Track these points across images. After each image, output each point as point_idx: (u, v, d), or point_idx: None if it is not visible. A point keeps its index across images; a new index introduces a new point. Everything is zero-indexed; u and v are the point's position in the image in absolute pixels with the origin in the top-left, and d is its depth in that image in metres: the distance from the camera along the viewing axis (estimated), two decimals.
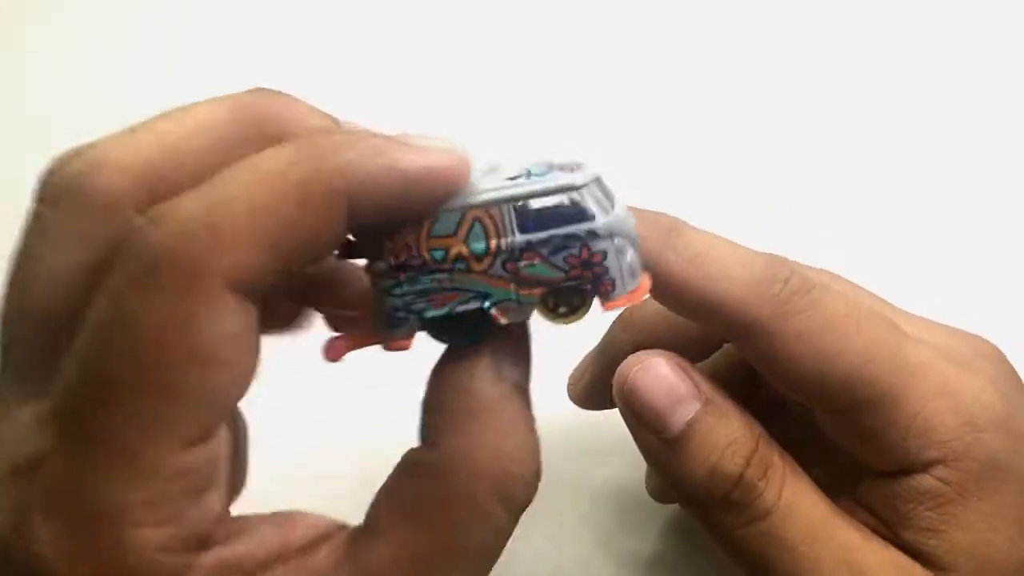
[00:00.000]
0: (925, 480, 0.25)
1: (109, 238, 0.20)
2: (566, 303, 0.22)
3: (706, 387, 0.27)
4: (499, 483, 0.21)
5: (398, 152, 0.20)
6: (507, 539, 0.22)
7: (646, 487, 0.36)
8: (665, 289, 0.26)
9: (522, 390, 0.23)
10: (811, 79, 0.46)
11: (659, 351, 0.27)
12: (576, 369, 0.34)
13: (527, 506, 0.22)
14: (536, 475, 0.22)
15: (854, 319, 0.26)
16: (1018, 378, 0.28)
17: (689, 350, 0.30)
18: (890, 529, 0.26)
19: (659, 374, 0.26)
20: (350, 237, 0.22)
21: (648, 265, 0.24)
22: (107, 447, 0.19)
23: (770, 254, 0.26)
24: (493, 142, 0.43)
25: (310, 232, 0.20)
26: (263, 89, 0.23)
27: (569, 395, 0.35)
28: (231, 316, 0.19)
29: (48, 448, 0.19)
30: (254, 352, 0.20)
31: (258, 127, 0.22)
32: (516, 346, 0.23)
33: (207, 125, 0.22)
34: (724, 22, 0.48)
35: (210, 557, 0.20)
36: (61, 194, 0.21)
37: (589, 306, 0.23)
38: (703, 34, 0.48)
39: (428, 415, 0.23)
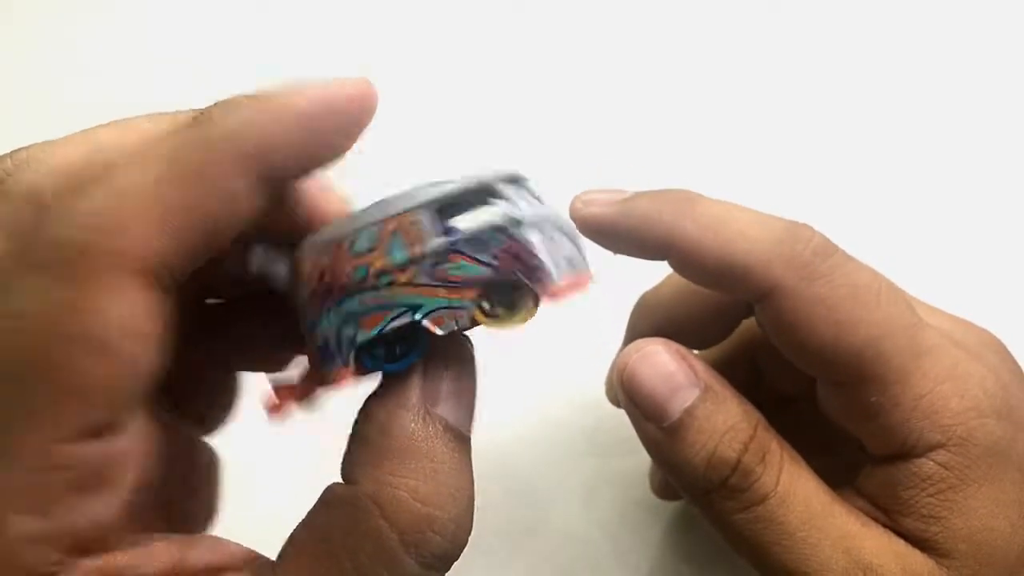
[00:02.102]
0: (926, 465, 0.25)
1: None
2: (502, 301, 0.21)
3: (704, 373, 0.27)
4: (410, 529, 0.20)
5: (287, 97, 0.20)
6: None
7: (650, 485, 0.36)
8: (685, 258, 0.26)
9: (453, 430, 0.21)
10: (811, 80, 0.46)
11: (658, 339, 0.27)
12: (609, 371, 0.35)
13: (450, 557, 0.21)
14: (459, 525, 0.21)
15: (875, 291, 0.25)
16: (1020, 369, 0.28)
17: (707, 331, 0.31)
18: (889, 516, 0.26)
19: (657, 362, 0.27)
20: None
21: (666, 238, 0.25)
22: None
23: (787, 218, 0.26)
24: (491, 148, 0.44)
25: (209, 206, 0.19)
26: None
27: (608, 398, 0.35)
28: (127, 304, 0.18)
29: None
30: (157, 344, 0.19)
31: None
32: (456, 381, 0.22)
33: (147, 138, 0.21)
34: (724, 22, 0.48)
35: (88, 563, 0.19)
36: None
37: (530, 302, 0.21)
38: (703, 34, 0.48)
39: (351, 448, 0.22)
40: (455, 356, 0.22)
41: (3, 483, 0.18)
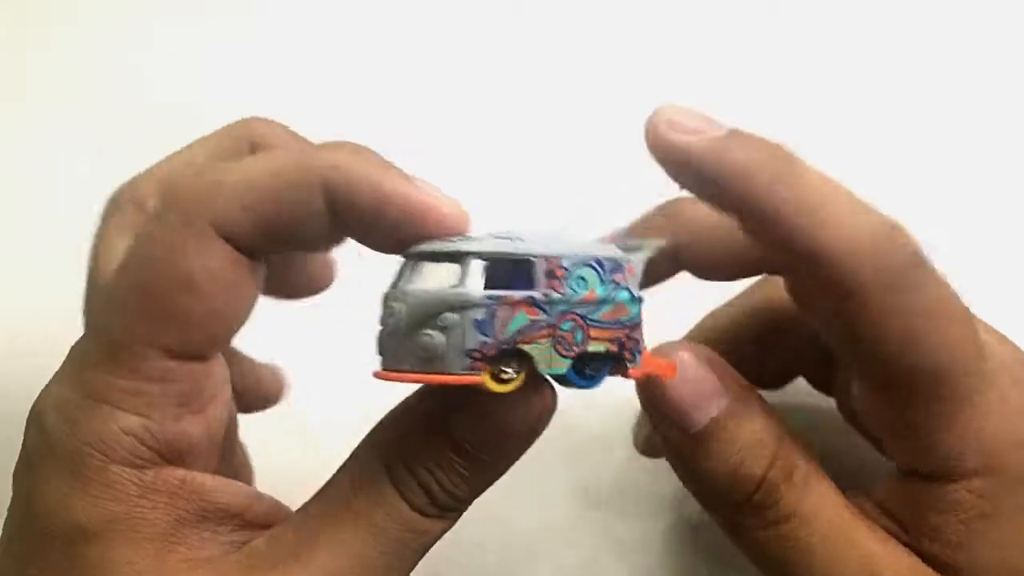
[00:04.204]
0: (960, 491, 0.25)
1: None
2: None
3: (734, 383, 0.26)
4: (405, 481, 0.24)
5: (385, 174, 0.23)
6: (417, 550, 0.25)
7: (633, 442, 0.35)
8: (769, 227, 0.23)
9: (454, 438, 0.24)
10: (810, 81, 0.45)
11: (688, 343, 0.27)
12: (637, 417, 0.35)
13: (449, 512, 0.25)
14: (442, 507, 0.24)
15: (951, 311, 0.24)
16: None
17: (731, 263, 0.29)
18: (913, 537, 0.26)
19: (686, 368, 0.26)
20: None
21: (756, 199, 0.23)
22: (102, 340, 0.23)
23: (884, 213, 0.24)
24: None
25: (288, 209, 0.23)
26: (254, 117, 0.30)
27: (643, 447, 0.35)
28: (214, 255, 0.23)
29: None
30: (237, 293, 0.24)
31: (249, 143, 0.29)
32: (474, 403, 0.24)
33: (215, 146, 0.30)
34: (724, 23, 0.47)
35: (171, 471, 0.24)
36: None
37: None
38: (703, 35, 0.47)
39: (401, 421, 0.25)
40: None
41: (116, 384, 0.23)
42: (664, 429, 0.26)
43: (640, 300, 0.25)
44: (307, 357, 0.37)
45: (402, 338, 0.23)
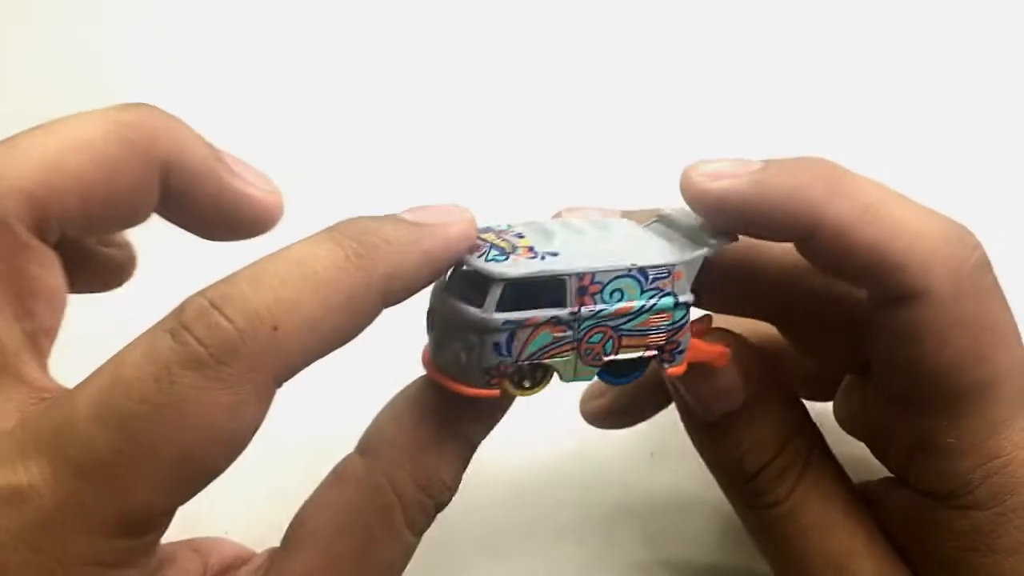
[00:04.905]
0: (959, 521, 0.24)
1: None
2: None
3: (755, 379, 0.27)
4: (410, 509, 0.23)
5: (426, 243, 0.22)
6: (407, 562, 0.24)
7: (582, 414, 0.35)
8: (832, 241, 0.23)
9: (467, 439, 0.24)
10: (811, 82, 0.45)
11: (724, 333, 0.27)
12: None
13: (424, 531, 0.24)
14: (438, 509, 0.24)
15: (1007, 330, 0.24)
16: None
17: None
18: (907, 548, 0.26)
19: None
20: None
21: (812, 217, 0.23)
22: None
23: (945, 215, 0.24)
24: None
25: (349, 331, 0.21)
26: (140, 106, 0.24)
27: (590, 415, 0.34)
28: (264, 409, 0.20)
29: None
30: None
31: (142, 152, 0.23)
32: (488, 408, 0.24)
33: (86, 141, 0.22)
34: (724, 23, 0.47)
35: None
36: None
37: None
38: (703, 36, 0.47)
39: (380, 430, 0.24)
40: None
41: None
42: (685, 412, 0.28)
43: (686, 304, 0.24)
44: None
45: (440, 338, 0.24)
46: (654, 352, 0.24)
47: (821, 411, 0.29)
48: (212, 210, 0.24)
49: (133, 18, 0.47)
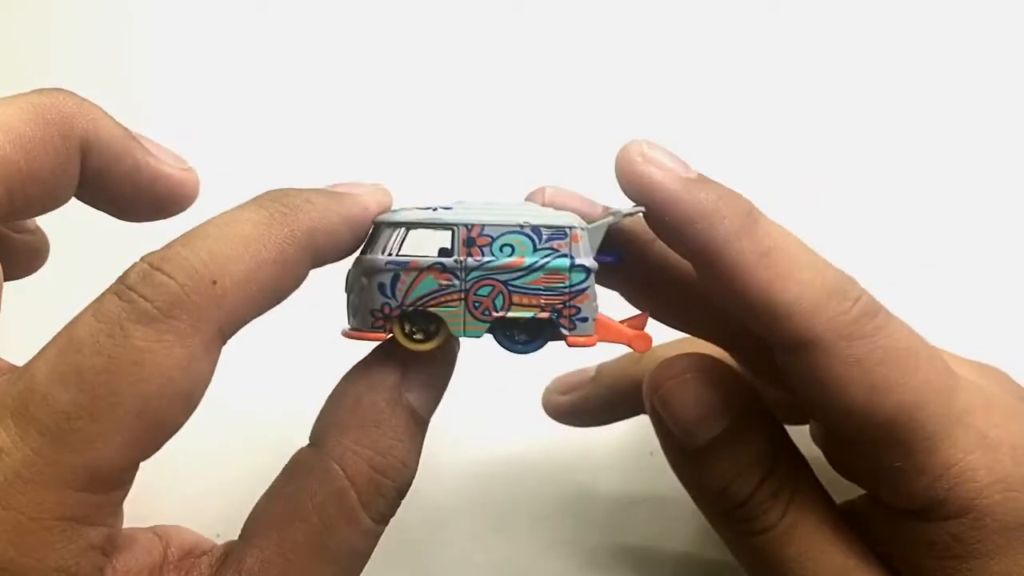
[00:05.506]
0: (937, 532, 0.25)
1: None
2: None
3: (738, 401, 0.27)
4: (365, 491, 0.23)
5: (344, 204, 0.24)
6: (372, 548, 0.24)
7: (543, 404, 0.35)
8: (727, 279, 0.24)
9: (416, 415, 0.24)
10: (811, 83, 0.45)
11: (696, 357, 0.27)
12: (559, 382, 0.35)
13: (388, 517, 0.24)
14: (401, 494, 0.24)
15: (913, 354, 0.24)
16: None
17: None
18: (893, 565, 0.26)
19: (691, 388, 0.27)
20: None
21: (717, 248, 0.24)
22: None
23: (838, 268, 0.25)
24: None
25: (283, 285, 0.23)
26: (54, 90, 0.25)
27: (550, 408, 0.35)
28: (213, 361, 0.22)
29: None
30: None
31: (60, 131, 0.24)
32: (433, 376, 0.25)
33: (3, 123, 0.23)
34: (724, 23, 0.46)
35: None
36: None
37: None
38: (703, 36, 0.46)
39: (326, 412, 0.24)
40: (444, 352, 0.25)
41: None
42: (666, 439, 0.28)
43: (585, 268, 0.24)
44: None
45: (349, 299, 0.25)
46: (548, 314, 0.24)
47: (794, 433, 0.29)
48: (129, 188, 0.25)
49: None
